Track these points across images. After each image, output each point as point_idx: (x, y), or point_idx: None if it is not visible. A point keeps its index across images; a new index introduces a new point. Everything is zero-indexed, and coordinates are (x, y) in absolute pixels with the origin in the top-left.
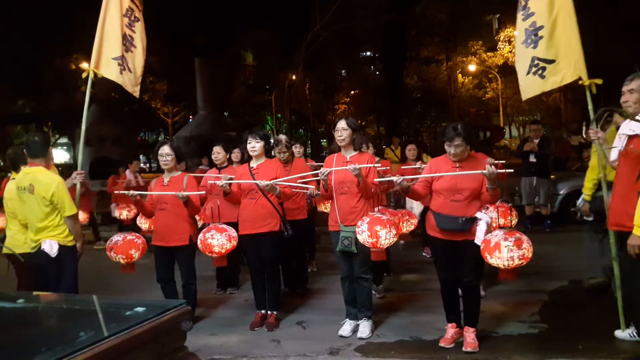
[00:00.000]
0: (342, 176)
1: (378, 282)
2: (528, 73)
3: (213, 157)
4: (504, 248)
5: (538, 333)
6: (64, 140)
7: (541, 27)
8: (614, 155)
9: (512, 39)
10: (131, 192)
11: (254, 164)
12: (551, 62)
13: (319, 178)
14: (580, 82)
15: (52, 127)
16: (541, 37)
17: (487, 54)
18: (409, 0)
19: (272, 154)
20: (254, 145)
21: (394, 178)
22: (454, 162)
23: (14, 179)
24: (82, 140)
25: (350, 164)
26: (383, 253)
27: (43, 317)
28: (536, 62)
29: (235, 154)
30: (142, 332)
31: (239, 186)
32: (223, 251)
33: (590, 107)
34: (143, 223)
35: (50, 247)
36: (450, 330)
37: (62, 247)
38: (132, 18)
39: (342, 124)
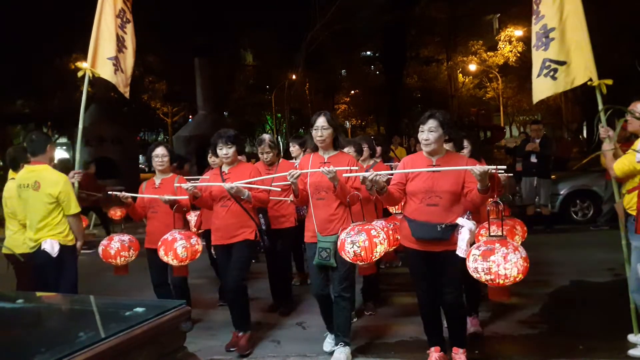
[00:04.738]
0: (318, 180)
1: (368, 299)
2: (539, 75)
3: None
4: (471, 256)
5: (538, 333)
6: (63, 140)
7: (552, 29)
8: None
9: (512, 39)
10: (123, 193)
11: (225, 168)
12: (562, 63)
13: (289, 182)
14: (589, 82)
15: (51, 127)
16: (552, 39)
17: (488, 53)
18: (409, 0)
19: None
20: (227, 152)
21: (366, 174)
22: (430, 160)
23: (12, 178)
24: (79, 140)
25: (327, 166)
26: (372, 267)
27: (43, 317)
28: (547, 63)
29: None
30: (142, 332)
31: (210, 192)
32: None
33: (600, 107)
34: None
35: (52, 247)
36: (434, 354)
37: (62, 247)
38: (124, 19)
39: (321, 121)
